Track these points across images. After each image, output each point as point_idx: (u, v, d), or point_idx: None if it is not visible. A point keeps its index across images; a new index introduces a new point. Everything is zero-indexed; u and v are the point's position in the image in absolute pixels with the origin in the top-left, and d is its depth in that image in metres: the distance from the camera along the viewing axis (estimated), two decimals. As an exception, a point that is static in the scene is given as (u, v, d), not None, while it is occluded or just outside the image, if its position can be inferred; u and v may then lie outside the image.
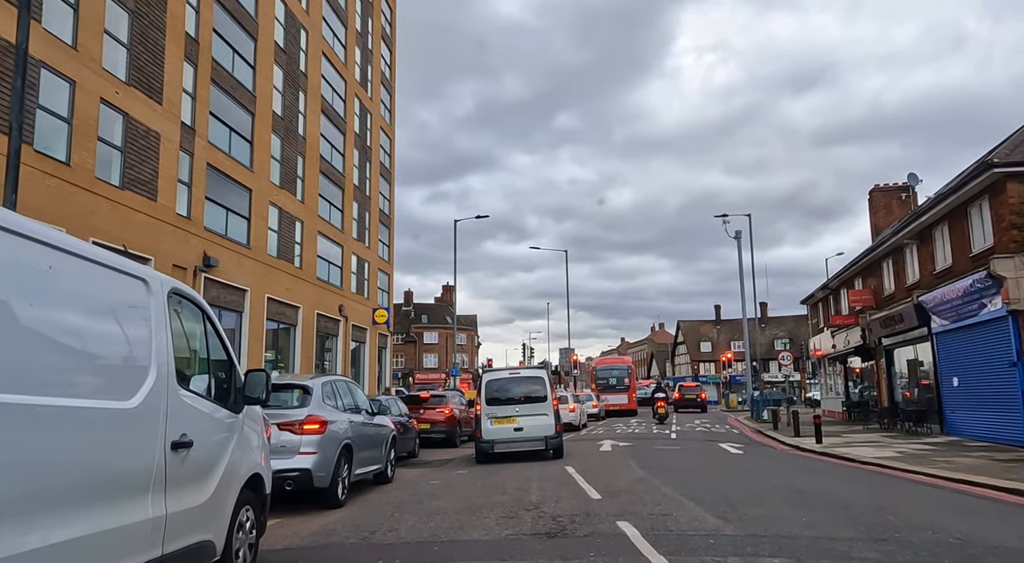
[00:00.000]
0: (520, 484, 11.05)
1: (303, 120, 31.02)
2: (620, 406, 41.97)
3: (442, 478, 12.57)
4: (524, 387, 16.25)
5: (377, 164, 41.82)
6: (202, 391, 4.51)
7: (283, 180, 28.68)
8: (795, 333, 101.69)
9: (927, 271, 21.08)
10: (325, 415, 9.17)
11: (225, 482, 4.51)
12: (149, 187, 19.87)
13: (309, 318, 30.36)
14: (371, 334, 38.81)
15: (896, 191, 31.36)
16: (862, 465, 14.07)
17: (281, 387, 9.70)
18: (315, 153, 32.08)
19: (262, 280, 26.21)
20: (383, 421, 12.21)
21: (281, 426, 8.70)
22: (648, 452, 17.13)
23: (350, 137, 37.04)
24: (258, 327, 25.74)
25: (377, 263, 40.96)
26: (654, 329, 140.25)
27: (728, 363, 53.76)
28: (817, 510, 8.07)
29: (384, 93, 44.22)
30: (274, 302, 27.14)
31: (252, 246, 25.65)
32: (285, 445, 8.62)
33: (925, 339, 21.38)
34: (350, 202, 36.73)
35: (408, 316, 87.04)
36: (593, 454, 16.95)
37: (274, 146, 28.08)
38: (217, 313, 23.68)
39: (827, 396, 35.64)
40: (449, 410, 21.06)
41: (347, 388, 10.94)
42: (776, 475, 12.31)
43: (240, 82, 25.37)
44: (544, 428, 15.68)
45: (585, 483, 10.75)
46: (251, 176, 25.90)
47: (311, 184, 31.55)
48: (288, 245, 28.95)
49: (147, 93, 19.88)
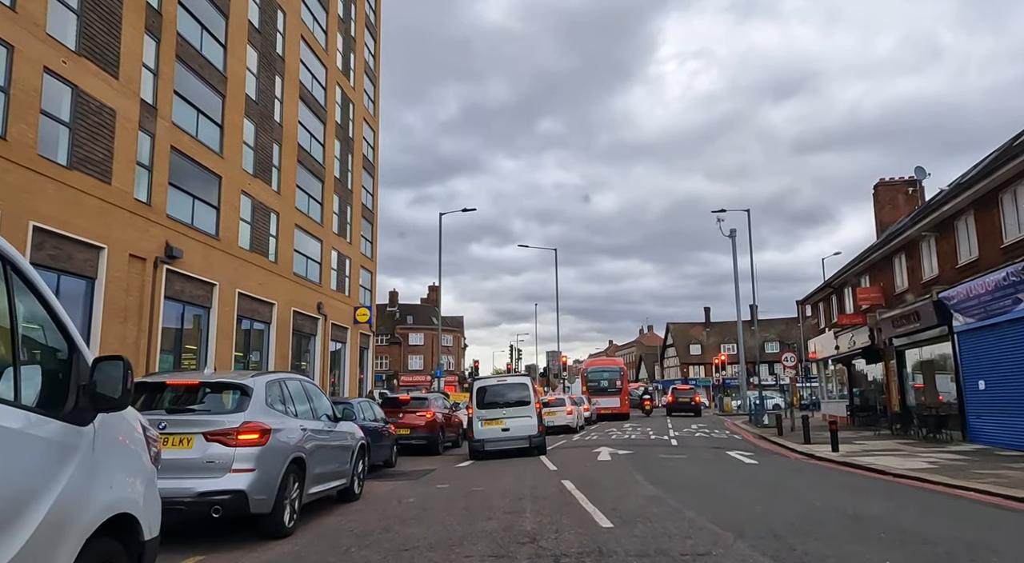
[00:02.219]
0: (511, 504, 9.36)
1: (280, 106, 29.24)
2: (612, 409, 40.28)
3: (419, 494, 10.86)
4: (511, 393, 18.49)
5: (360, 157, 40.06)
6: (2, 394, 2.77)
7: (257, 169, 26.89)
8: (786, 336, 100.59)
9: (948, 265, 19.57)
10: (268, 422, 7.33)
11: (46, 536, 2.80)
12: (102, 168, 18.05)
13: (285, 316, 28.56)
14: (352, 334, 37.00)
15: (902, 185, 29.98)
16: (896, 478, 12.48)
17: (212, 387, 7.92)
18: (292, 142, 30.31)
19: (233, 274, 24.40)
20: (349, 428, 10.41)
21: (209, 436, 6.90)
22: (653, 462, 15.48)
23: (331, 127, 35.28)
24: (228, 324, 23.94)
25: (359, 260, 39.17)
26: (643, 332, 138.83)
27: (722, 365, 52.14)
28: (893, 546, 6.35)
29: (368, 83, 42.46)
30: (246, 298, 25.34)
31: (222, 237, 23.85)
32: (214, 460, 6.86)
33: (944, 339, 19.88)
34: (330, 195, 34.95)
35: (393, 317, 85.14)
36: (591, 464, 15.29)
37: (247, 132, 26.28)
38: (181, 309, 21.89)
39: (827, 399, 34.10)
40: (431, 414, 19.32)
41: (301, 389, 9.01)
42: (811, 492, 10.67)
43: (209, 61, 23.57)
44: (528, 428, 17.92)
45: (589, 503, 9.06)
46: (221, 163, 24.10)
47: (288, 174, 29.77)
48: (262, 238, 27.15)
49: (101, 65, 18.07)
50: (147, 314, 19.51)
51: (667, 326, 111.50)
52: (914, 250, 22.01)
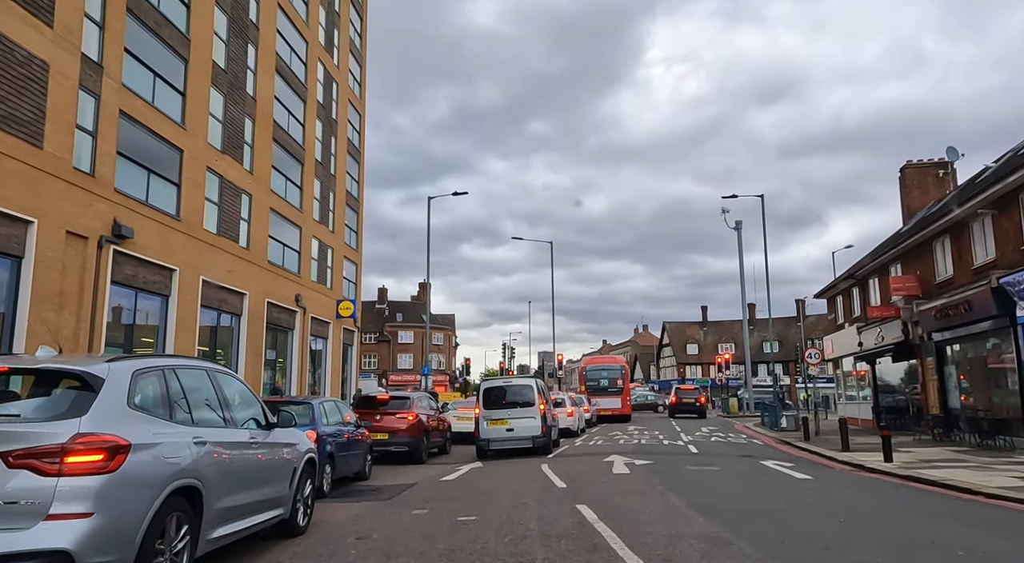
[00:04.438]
0: (512, 548, 6.74)
1: (252, 78, 26.59)
2: (613, 411, 37.61)
3: (387, 526, 8.20)
4: (516, 394, 18.91)
5: (344, 141, 37.41)
6: None
7: (226, 144, 24.25)
8: (784, 335, 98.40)
9: (1010, 247, 17.13)
10: (126, 434, 4.64)
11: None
12: (31, 130, 15.39)
13: (258, 308, 25.93)
14: (335, 329, 34.37)
15: (932, 167, 27.62)
16: (991, 500, 10.01)
17: (35, 377, 5.10)
18: (268, 118, 27.68)
19: (196, 259, 21.78)
20: (289, 438, 7.57)
21: (13, 459, 4.23)
22: (683, 477, 12.86)
23: (312, 106, 32.63)
24: (190, 316, 21.31)
25: (343, 250, 36.52)
26: (637, 331, 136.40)
27: (726, 364, 49.67)
28: None
29: (353, 63, 39.81)
30: (212, 286, 22.71)
31: (183, 218, 21.22)
32: (18, 500, 4.18)
33: (1003, 331, 17.45)
34: (311, 179, 32.31)
35: (382, 314, 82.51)
36: (606, 479, 12.69)
37: (214, 102, 23.63)
38: (133, 297, 19.26)
39: (845, 401, 31.60)
40: (414, 416, 16.73)
41: (204, 379, 6.24)
42: (911, 523, 8.16)
43: (168, 19, 20.90)
44: (532, 429, 18.27)
45: (627, 550, 6.41)
46: (183, 134, 21.45)
47: (262, 153, 27.13)
48: (232, 221, 24.51)
49: (29, 9, 15.41)
50: (89, 300, 16.85)
51: (663, 325, 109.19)
52: (962, 232, 19.57)
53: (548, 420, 18.97)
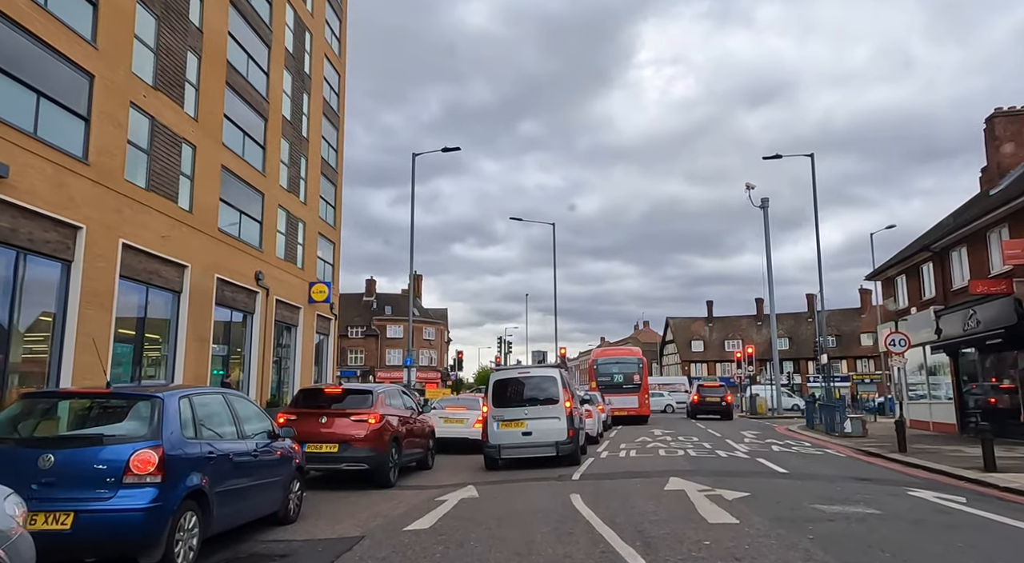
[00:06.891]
0: None
1: (199, 4, 21.64)
2: (629, 411, 32.47)
3: None
4: (534, 388, 15.27)
5: (320, 101, 32.45)
6: None
7: (160, 78, 19.29)
8: (795, 332, 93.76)
9: None
10: None
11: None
12: None
13: (204, 284, 20.97)
14: (306, 315, 29.42)
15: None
16: None
17: None
18: (219, 58, 22.72)
19: (114, 217, 16.85)
20: None
21: None
22: (836, 531, 7.62)
23: (278, 54, 27.67)
24: (104, 289, 16.37)
25: (317, 225, 31.54)
26: (637, 328, 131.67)
27: (749, 359, 44.74)
28: None
29: (331, 13, 34.85)
30: (137, 253, 17.77)
31: (93, 162, 16.26)
32: None
33: None
34: (277, 139, 27.36)
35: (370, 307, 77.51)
36: (706, 534, 7.65)
37: (141, 24, 18.63)
38: (13, 258, 14.27)
39: (915, 400, 26.55)
40: (377, 418, 11.62)
41: None
42: None
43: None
44: (555, 432, 14.67)
45: None
46: (93, 56, 16.48)
47: (211, 98, 22.16)
48: (168, 175, 19.55)
49: None
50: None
51: (666, 321, 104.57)
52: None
53: (575, 421, 15.28)
